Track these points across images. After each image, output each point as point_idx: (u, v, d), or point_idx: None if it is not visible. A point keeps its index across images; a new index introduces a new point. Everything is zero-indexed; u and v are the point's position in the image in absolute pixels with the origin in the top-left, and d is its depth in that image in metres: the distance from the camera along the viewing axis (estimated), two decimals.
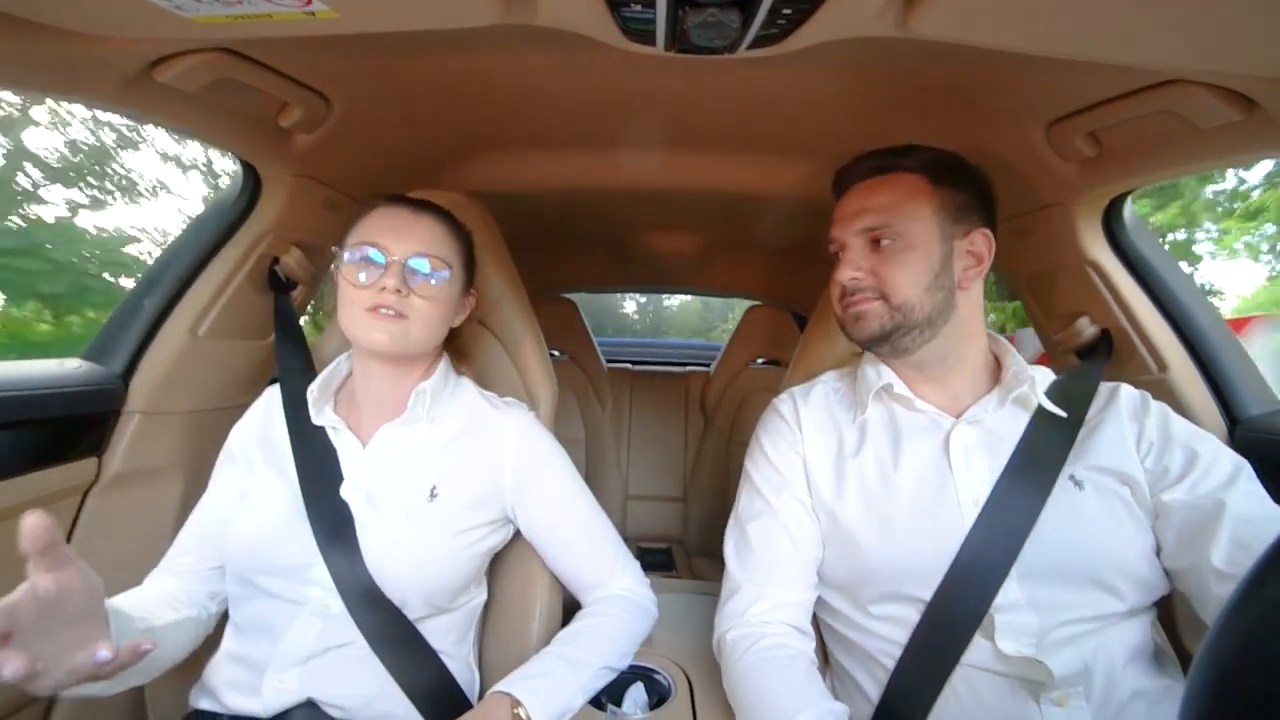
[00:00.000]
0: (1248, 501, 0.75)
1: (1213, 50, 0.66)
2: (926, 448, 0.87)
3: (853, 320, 0.89)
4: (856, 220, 0.89)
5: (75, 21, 0.68)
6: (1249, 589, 0.35)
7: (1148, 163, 0.95)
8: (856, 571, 0.86)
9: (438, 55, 0.94)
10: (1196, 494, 0.77)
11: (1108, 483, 0.81)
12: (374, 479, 0.90)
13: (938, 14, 0.62)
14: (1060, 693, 0.74)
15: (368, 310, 0.85)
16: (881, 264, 0.86)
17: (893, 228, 0.86)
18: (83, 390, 1.01)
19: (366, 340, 0.87)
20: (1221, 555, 0.72)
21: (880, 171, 0.90)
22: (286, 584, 0.85)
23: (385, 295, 0.85)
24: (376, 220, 0.89)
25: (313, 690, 0.83)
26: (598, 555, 0.99)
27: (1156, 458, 0.82)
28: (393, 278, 0.85)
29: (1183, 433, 0.83)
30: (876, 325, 0.87)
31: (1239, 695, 0.34)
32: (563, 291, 2.58)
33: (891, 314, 0.86)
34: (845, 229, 0.90)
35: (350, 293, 0.87)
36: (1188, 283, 1.14)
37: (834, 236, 0.91)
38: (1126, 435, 0.85)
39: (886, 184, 0.89)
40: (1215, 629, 0.36)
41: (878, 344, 0.89)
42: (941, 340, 0.88)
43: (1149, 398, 0.89)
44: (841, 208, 0.92)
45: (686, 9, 0.63)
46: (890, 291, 0.85)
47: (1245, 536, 0.72)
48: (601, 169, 1.40)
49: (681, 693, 0.93)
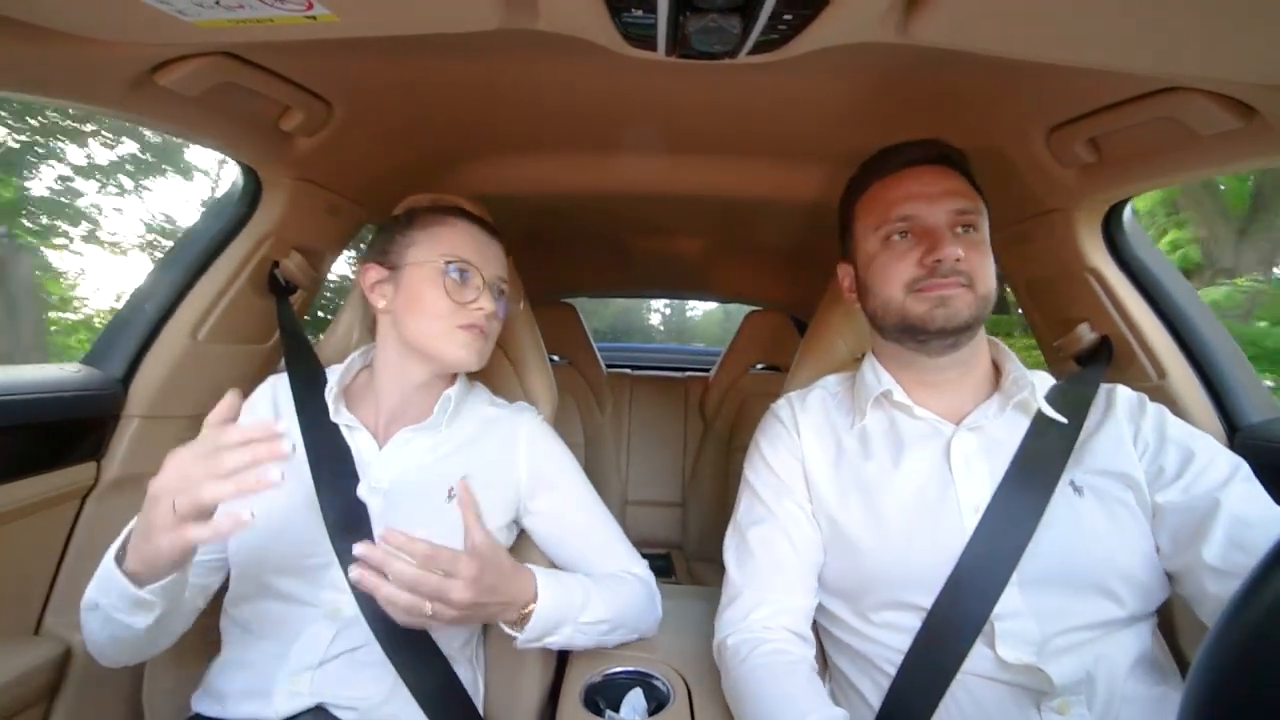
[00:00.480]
0: (1245, 501, 0.75)
1: (1213, 57, 0.66)
2: (927, 455, 0.87)
3: (936, 305, 0.81)
4: (946, 200, 0.83)
5: (77, 25, 0.68)
6: (1247, 594, 0.35)
7: (1148, 169, 0.95)
8: (857, 578, 0.86)
9: (439, 59, 0.94)
10: (1192, 494, 0.77)
11: (1109, 487, 0.81)
12: (391, 480, 0.91)
13: (938, 20, 0.62)
14: (1062, 700, 0.73)
15: (461, 327, 0.89)
16: (970, 250, 0.82)
17: (974, 217, 0.84)
18: (82, 394, 1.01)
19: (454, 356, 0.90)
20: (1216, 554, 0.71)
21: (945, 162, 0.88)
22: (300, 585, 0.85)
23: (482, 316, 0.90)
24: (462, 234, 0.93)
25: (324, 695, 0.83)
26: (607, 550, 1.00)
27: (1152, 458, 0.81)
28: (490, 300, 0.90)
29: (1179, 433, 0.83)
30: (968, 313, 0.82)
31: (1237, 701, 0.34)
32: (563, 296, 2.58)
33: (978, 303, 0.82)
34: (933, 207, 0.83)
35: (444, 306, 0.89)
36: (1187, 290, 1.14)
37: (911, 213, 0.84)
38: (1125, 436, 0.84)
39: (953, 175, 0.86)
40: (1214, 633, 0.35)
41: (960, 335, 0.84)
42: (972, 344, 0.88)
43: (1145, 398, 0.88)
44: (914, 185, 0.85)
45: (687, 14, 0.63)
46: (978, 280, 0.82)
47: (1241, 536, 0.71)
48: (602, 173, 1.40)
49: (680, 698, 0.92)
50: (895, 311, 0.85)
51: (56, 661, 0.98)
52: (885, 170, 0.89)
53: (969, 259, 0.81)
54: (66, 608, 1.03)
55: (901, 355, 0.90)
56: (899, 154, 0.88)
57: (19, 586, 0.99)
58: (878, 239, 0.87)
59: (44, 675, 0.96)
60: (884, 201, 0.87)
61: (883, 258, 0.86)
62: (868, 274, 0.89)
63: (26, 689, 0.93)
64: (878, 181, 0.89)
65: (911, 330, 0.84)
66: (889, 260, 0.85)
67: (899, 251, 0.85)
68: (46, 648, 0.98)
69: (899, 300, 0.84)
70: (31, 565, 1.01)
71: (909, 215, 0.84)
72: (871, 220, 0.88)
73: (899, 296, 0.84)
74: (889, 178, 0.88)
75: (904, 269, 0.84)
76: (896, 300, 0.85)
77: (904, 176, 0.87)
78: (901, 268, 0.84)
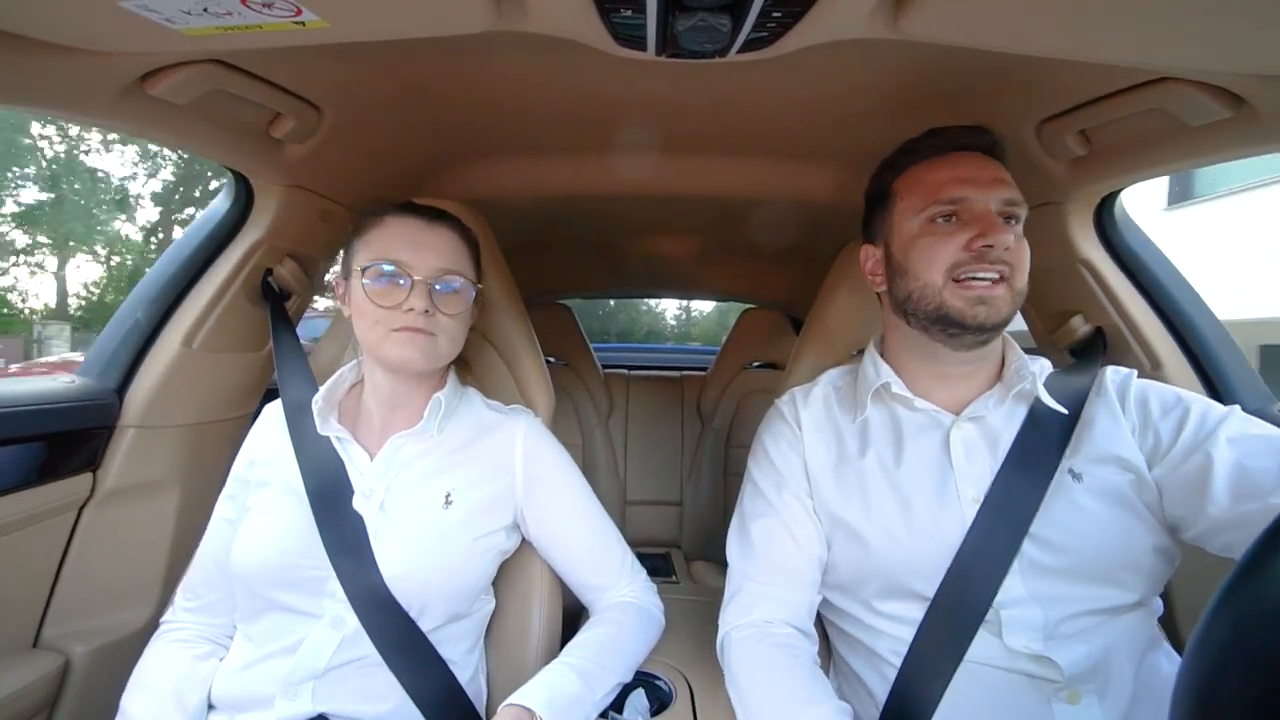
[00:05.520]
0: (1242, 436, 0.74)
1: (1201, 48, 0.66)
2: (927, 446, 0.87)
3: (975, 303, 0.80)
4: (998, 189, 0.81)
5: (64, 35, 0.68)
6: (1239, 578, 0.35)
7: (1139, 160, 0.96)
8: (860, 570, 0.86)
9: (429, 63, 0.94)
10: (1189, 446, 0.76)
11: (1107, 473, 0.81)
12: (386, 489, 0.90)
13: (927, 15, 0.62)
14: (1071, 690, 0.74)
15: (395, 331, 0.85)
16: (1016, 242, 0.79)
17: (1019, 210, 0.83)
18: (77, 405, 1.01)
19: (399, 359, 0.87)
20: (1224, 496, 0.71)
21: (993, 152, 0.86)
22: (301, 598, 0.85)
23: (414, 317, 0.85)
24: (392, 233, 0.88)
25: (326, 704, 0.82)
26: (605, 559, 1.00)
27: (1143, 432, 0.81)
28: (420, 299, 0.85)
29: (1169, 398, 0.83)
30: (1006, 311, 0.80)
31: (1231, 686, 0.34)
32: (558, 298, 2.58)
33: (1014, 300, 0.81)
34: (985, 193, 0.81)
35: (374, 313, 0.86)
36: (1180, 279, 1.15)
37: (962, 196, 0.81)
38: (1118, 416, 0.84)
39: (1000, 166, 0.85)
40: (1205, 618, 0.36)
41: (994, 333, 0.83)
42: (997, 340, 0.87)
43: (1132, 375, 0.88)
44: (965, 169, 0.83)
45: (677, 13, 0.63)
46: (1017, 276, 0.81)
47: (1243, 482, 0.70)
48: (595, 175, 1.40)
49: (683, 698, 0.92)
50: (933, 298, 0.83)
51: (55, 673, 0.98)
52: (933, 152, 0.87)
53: (1015, 250, 0.80)
54: (65, 619, 1.03)
55: (922, 344, 0.89)
56: (946, 137, 0.87)
57: (17, 599, 0.99)
58: (921, 220, 0.84)
59: (43, 687, 0.96)
60: (932, 183, 0.84)
61: (926, 239, 0.83)
62: (906, 256, 0.86)
63: (26, 701, 0.93)
64: (924, 162, 0.87)
65: (946, 321, 0.82)
66: (933, 242, 0.82)
67: (944, 234, 0.82)
68: (45, 660, 0.98)
69: (938, 286, 0.82)
70: (29, 577, 1.00)
71: (960, 198, 0.82)
72: (915, 201, 0.85)
73: (938, 281, 0.82)
74: (937, 159, 0.86)
75: (949, 252, 0.81)
76: (935, 285, 0.82)
77: (954, 160, 0.85)
78: (946, 251, 0.81)
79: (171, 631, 0.93)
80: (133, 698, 0.85)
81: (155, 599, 1.12)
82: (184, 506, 1.15)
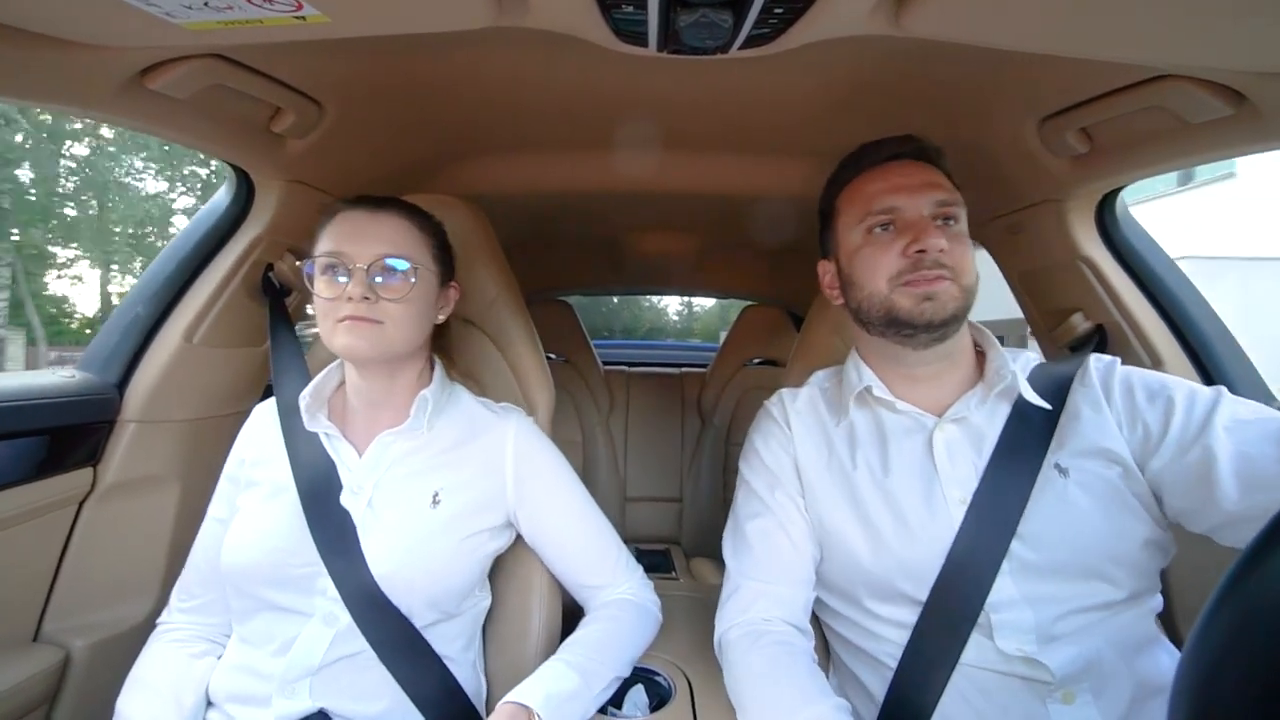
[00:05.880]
0: (1235, 422, 0.74)
1: (1202, 45, 0.66)
2: (911, 449, 0.87)
3: (921, 300, 0.82)
4: (928, 192, 0.84)
5: (64, 30, 0.68)
6: (1239, 573, 0.35)
7: (1140, 158, 0.96)
8: (851, 575, 0.86)
9: (430, 58, 0.93)
10: (1183, 437, 0.76)
11: (1094, 466, 0.80)
12: (374, 486, 0.90)
13: (930, 12, 0.62)
14: (1066, 690, 0.74)
15: (339, 321, 0.85)
16: (953, 243, 0.82)
17: (955, 209, 0.84)
18: (77, 400, 1.01)
19: (345, 350, 0.86)
20: (1234, 499, 0.70)
21: (924, 157, 0.88)
22: (292, 596, 0.85)
23: (353, 305, 0.84)
24: (336, 226, 0.88)
25: (324, 700, 0.82)
26: (600, 559, 0.99)
27: (1132, 423, 0.81)
28: (358, 286, 0.84)
29: (1154, 385, 0.82)
30: (954, 306, 0.82)
31: (1231, 682, 0.34)
32: (559, 294, 2.58)
33: (963, 295, 0.82)
34: (915, 198, 0.84)
35: (320, 305, 0.86)
36: (1181, 277, 1.15)
37: (895, 205, 0.84)
38: (1102, 408, 0.83)
39: (932, 169, 0.87)
40: (1205, 614, 0.36)
41: (947, 328, 0.83)
42: (956, 337, 0.87)
43: (1115, 362, 0.88)
44: (896, 177, 0.86)
45: (678, 9, 0.63)
46: (961, 273, 0.82)
47: (1250, 470, 0.70)
48: (596, 171, 1.40)
49: (682, 694, 0.92)
50: (880, 305, 0.85)
51: (55, 668, 0.98)
52: (866, 165, 0.90)
53: (952, 251, 0.81)
54: (65, 614, 1.03)
55: (886, 349, 0.90)
56: (879, 149, 0.89)
57: (17, 593, 0.99)
58: (860, 231, 0.87)
59: (43, 681, 0.96)
60: (866, 194, 0.87)
61: (866, 250, 0.86)
62: (851, 267, 0.89)
63: (26, 695, 0.93)
64: (859, 176, 0.90)
65: (897, 324, 0.84)
66: (873, 253, 0.85)
67: (882, 244, 0.85)
68: (45, 654, 0.98)
69: (883, 293, 0.84)
70: (29, 572, 1.00)
71: (892, 207, 0.84)
72: (854, 213, 0.88)
73: (883, 289, 0.84)
74: (870, 171, 0.89)
75: (888, 261, 0.84)
76: (881, 293, 0.85)
77: (886, 170, 0.87)
78: (886, 260, 0.84)
79: (168, 633, 0.93)
80: (129, 698, 0.85)
81: (155, 594, 1.12)
82: (184, 501, 1.15)
